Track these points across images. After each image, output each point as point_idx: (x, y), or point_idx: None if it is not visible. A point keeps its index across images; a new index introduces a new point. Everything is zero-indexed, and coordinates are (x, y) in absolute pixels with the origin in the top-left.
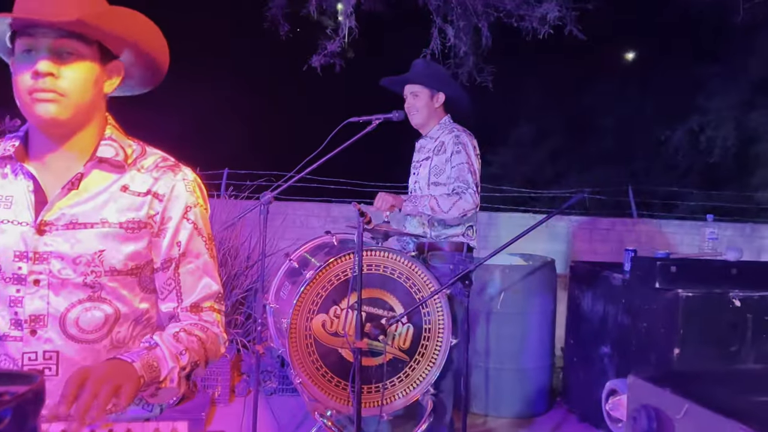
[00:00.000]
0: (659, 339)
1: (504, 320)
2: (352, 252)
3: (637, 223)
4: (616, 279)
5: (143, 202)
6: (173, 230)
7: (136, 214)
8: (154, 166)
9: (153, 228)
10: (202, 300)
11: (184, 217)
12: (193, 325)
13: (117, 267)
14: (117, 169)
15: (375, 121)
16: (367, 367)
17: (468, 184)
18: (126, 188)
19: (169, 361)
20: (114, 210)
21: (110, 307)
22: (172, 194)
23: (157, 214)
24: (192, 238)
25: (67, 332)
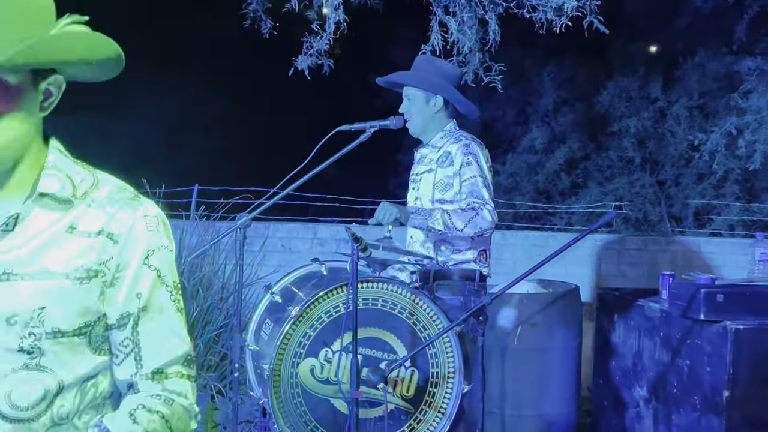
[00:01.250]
0: (705, 379)
1: (522, 358)
2: (345, 284)
3: (671, 242)
4: (653, 309)
5: (94, 244)
6: (131, 279)
7: (86, 261)
8: (108, 199)
9: (106, 276)
10: (167, 365)
11: (144, 263)
12: (155, 398)
13: (62, 327)
14: (62, 206)
15: (369, 130)
16: (365, 419)
17: (484, 200)
18: (73, 228)
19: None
20: (58, 256)
21: (52, 376)
22: (131, 235)
23: (111, 259)
24: (155, 288)
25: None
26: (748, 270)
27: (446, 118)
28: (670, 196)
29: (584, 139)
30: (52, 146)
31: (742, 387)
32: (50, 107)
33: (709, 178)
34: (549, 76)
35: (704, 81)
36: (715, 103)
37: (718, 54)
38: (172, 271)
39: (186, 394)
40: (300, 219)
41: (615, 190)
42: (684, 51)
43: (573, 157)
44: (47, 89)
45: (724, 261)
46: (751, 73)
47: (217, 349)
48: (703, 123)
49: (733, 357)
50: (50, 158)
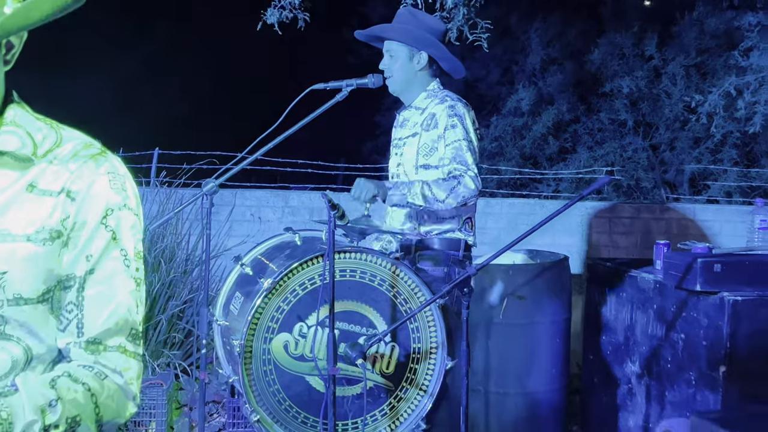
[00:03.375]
0: (701, 354)
1: (507, 333)
2: (321, 254)
3: (666, 209)
4: (646, 280)
5: (56, 203)
6: (84, 239)
7: (48, 222)
8: (71, 155)
9: (63, 237)
10: (106, 336)
11: (101, 223)
12: (86, 369)
13: (23, 293)
14: (22, 164)
15: (346, 88)
16: (342, 398)
17: (467, 166)
18: (34, 187)
19: (29, 412)
20: (18, 217)
21: (18, 346)
22: (90, 192)
23: (68, 218)
24: (107, 250)
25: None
26: (746, 238)
27: (429, 77)
28: (664, 161)
29: (573, 100)
30: (13, 101)
31: (740, 362)
32: (13, 59)
33: (706, 141)
34: (536, 33)
35: (702, 38)
36: (713, 62)
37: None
38: (133, 235)
39: (124, 371)
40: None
41: (606, 155)
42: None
43: (561, 119)
44: (8, 41)
45: (721, 229)
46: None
47: (181, 325)
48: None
49: (730, 330)
50: (9, 114)
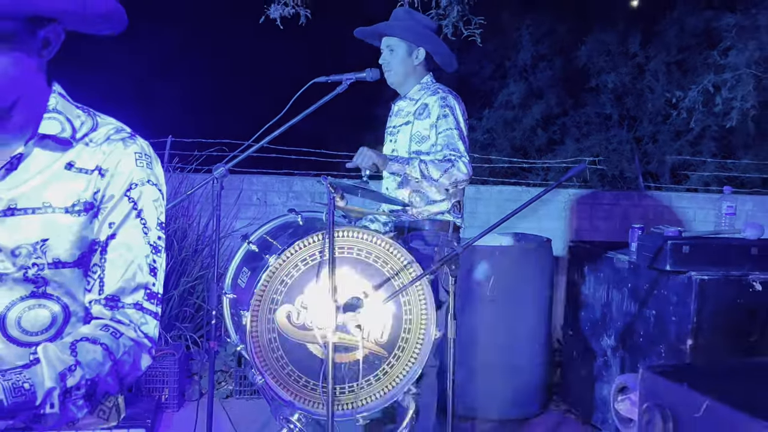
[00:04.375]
0: (670, 328)
1: (493, 309)
2: (321, 232)
3: (644, 196)
4: (621, 261)
5: (90, 179)
6: (109, 209)
7: (83, 195)
8: (105, 138)
9: (95, 208)
10: (123, 294)
11: (125, 195)
12: (102, 329)
13: (62, 258)
14: (62, 146)
15: (346, 81)
16: (340, 364)
17: (460, 152)
18: (71, 165)
19: (48, 381)
20: (58, 192)
21: (57, 304)
22: (117, 168)
23: (99, 192)
24: (129, 218)
25: (8, 335)
26: (715, 223)
27: (424, 70)
28: (647, 152)
29: (562, 94)
30: (55, 91)
31: (705, 336)
32: (49, 55)
33: (686, 135)
34: (527, 31)
35: (683, 37)
36: (693, 59)
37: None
38: (156, 207)
39: (140, 326)
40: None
41: (592, 147)
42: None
43: (550, 113)
44: (46, 37)
45: (694, 215)
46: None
47: (192, 300)
48: (681, 79)
49: (697, 307)
50: (51, 102)
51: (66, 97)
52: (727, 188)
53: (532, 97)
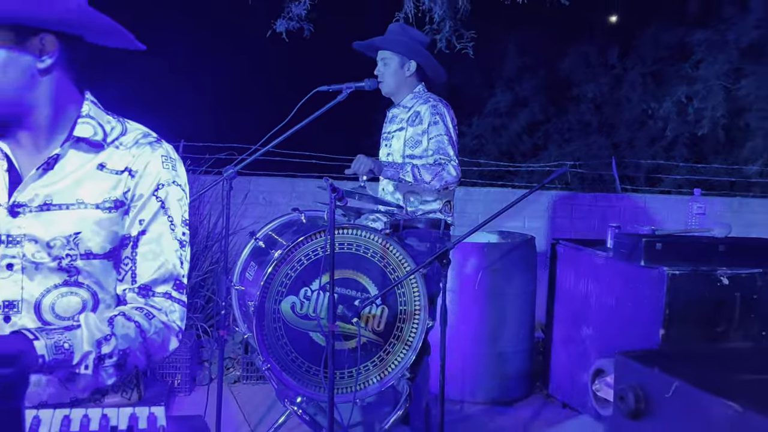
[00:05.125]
0: (644, 319)
1: (481, 301)
2: (323, 230)
3: (620, 198)
4: (599, 257)
5: (120, 179)
6: (139, 207)
7: (113, 193)
8: (134, 142)
9: (125, 206)
10: (154, 284)
11: (153, 194)
12: (137, 311)
13: (93, 250)
14: (94, 148)
15: (346, 91)
16: (340, 351)
17: (450, 157)
18: (103, 166)
19: (85, 345)
20: (90, 190)
21: (87, 292)
22: (146, 170)
23: (129, 191)
24: (157, 216)
25: (42, 319)
26: (685, 223)
27: (416, 81)
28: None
29: (545, 103)
30: (87, 99)
31: (676, 326)
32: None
33: (660, 141)
34: (514, 44)
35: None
36: (667, 71)
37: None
38: (180, 206)
39: (170, 313)
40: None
41: (573, 152)
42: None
43: (534, 120)
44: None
45: (667, 216)
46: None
47: (202, 292)
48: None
49: (668, 299)
50: (84, 108)
51: (97, 105)
52: (697, 191)
53: (517, 106)
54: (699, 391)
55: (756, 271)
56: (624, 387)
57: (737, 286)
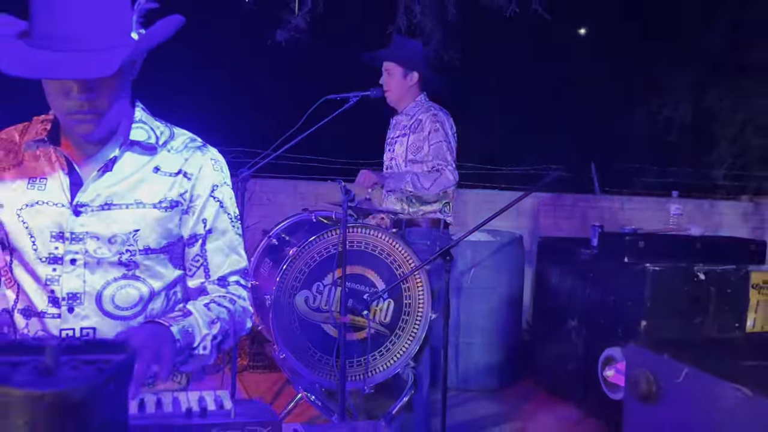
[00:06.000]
0: (627, 312)
1: (474, 295)
2: (333, 229)
3: (600, 199)
4: (584, 254)
5: (174, 181)
6: (200, 208)
7: (168, 194)
8: (183, 146)
9: (183, 206)
10: (228, 275)
11: (211, 195)
12: (222, 297)
13: (151, 245)
14: (148, 151)
15: (353, 99)
16: (350, 341)
17: (447, 162)
18: (158, 169)
19: (203, 328)
20: (147, 191)
21: (144, 284)
22: (200, 173)
23: (186, 192)
24: (218, 215)
25: (103, 309)
26: (664, 222)
27: (418, 90)
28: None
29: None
30: (138, 105)
31: (657, 318)
32: (135, 72)
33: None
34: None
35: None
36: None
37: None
38: (232, 203)
39: (244, 299)
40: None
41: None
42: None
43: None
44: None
45: (642, 216)
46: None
47: None
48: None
49: (650, 293)
50: (137, 114)
51: (146, 111)
52: (674, 193)
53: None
54: (709, 376)
55: (730, 267)
56: (636, 373)
57: (713, 281)
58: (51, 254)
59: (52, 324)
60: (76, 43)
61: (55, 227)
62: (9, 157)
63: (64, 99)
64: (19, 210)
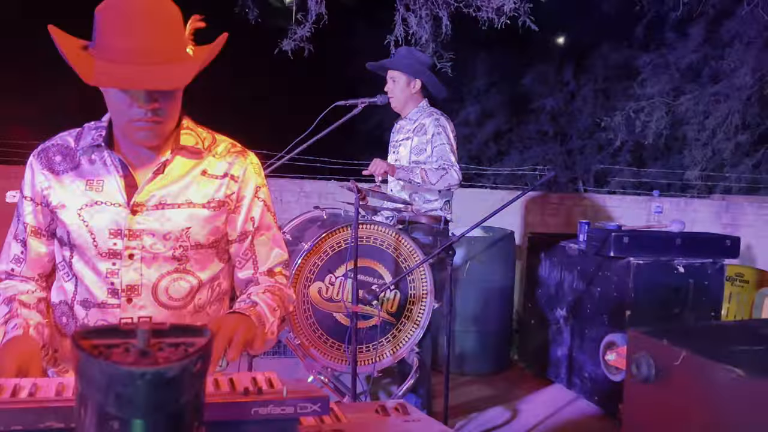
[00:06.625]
0: (612, 302)
1: (469, 287)
2: (345, 226)
3: (583, 198)
4: (572, 248)
5: (221, 183)
6: (247, 207)
7: (216, 195)
8: (226, 152)
9: (230, 206)
10: (274, 266)
11: (255, 196)
12: (272, 287)
13: (201, 241)
14: (195, 155)
15: (360, 105)
16: (360, 329)
17: (451, 162)
18: (205, 172)
19: (270, 315)
20: (197, 192)
21: (194, 277)
22: (245, 176)
23: (234, 194)
24: (263, 213)
25: (158, 300)
26: (646, 219)
27: (420, 97)
28: (576, 162)
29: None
30: (183, 114)
31: (640, 308)
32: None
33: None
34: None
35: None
36: (615, 88)
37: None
38: (272, 203)
39: (287, 286)
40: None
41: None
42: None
43: (499, 129)
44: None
45: (623, 214)
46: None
47: None
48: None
49: (634, 285)
50: (184, 121)
51: (190, 118)
52: (655, 192)
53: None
54: (704, 359)
55: (707, 261)
56: (637, 356)
57: (691, 274)
58: (110, 250)
59: (112, 314)
60: (150, 57)
61: (114, 225)
62: (66, 161)
63: (128, 108)
64: (80, 210)
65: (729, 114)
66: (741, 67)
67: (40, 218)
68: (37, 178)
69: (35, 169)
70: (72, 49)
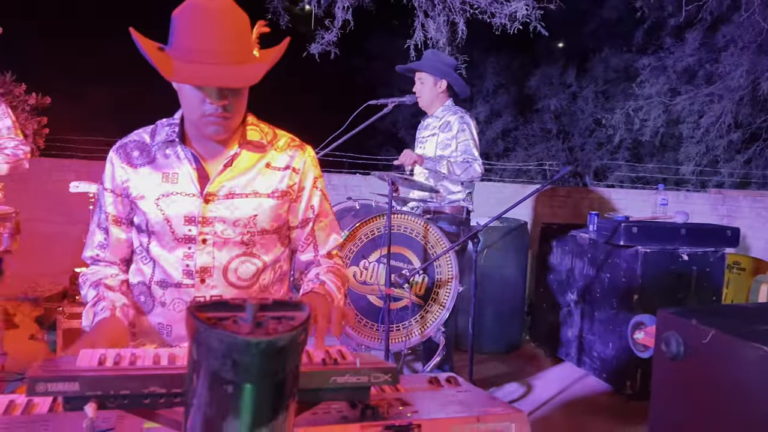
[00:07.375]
0: (620, 287)
1: (486, 272)
2: (377, 215)
3: (589, 191)
4: (583, 238)
5: (284, 175)
6: (307, 197)
7: (279, 185)
8: (287, 146)
9: (292, 195)
10: (332, 249)
11: (314, 186)
12: (332, 267)
13: (266, 227)
14: (259, 149)
15: (390, 104)
16: (391, 310)
17: (475, 157)
18: (269, 165)
19: (337, 293)
20: (262, 182)
21: (259, 260)
22: (305, 168)
23: (295, 185)
24: (322, 201)
25: (228, 280)
26: (652, 211)
27: (446, 96)
28: (577, 158)
29: (515, 114)
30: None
31: (647, 293)
32: None
33: (606, 145)
34: (491, 65)
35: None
36: (615, 89)
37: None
38: (327, 192)
39: (343, 267)
40: None
41: (536, 154)
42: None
43: (507, 127)
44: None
45: (627, 206)
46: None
47: None
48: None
49: (641, 271)
50: (249, 118)
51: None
52: (660, 185)
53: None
54: (732, 337)
55: (709, 249)
56: (667, 335)
57: (694, 261)
58: (186, 235)
59: (187, 293)
60: (222, 58)
61: (188, 213)
62: (143, 156)
63: (201, 104)
64: (157, 200)
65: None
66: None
67: (120, 208)
68: (117, 171)
69: (115, 163)
70: (151, 49)
